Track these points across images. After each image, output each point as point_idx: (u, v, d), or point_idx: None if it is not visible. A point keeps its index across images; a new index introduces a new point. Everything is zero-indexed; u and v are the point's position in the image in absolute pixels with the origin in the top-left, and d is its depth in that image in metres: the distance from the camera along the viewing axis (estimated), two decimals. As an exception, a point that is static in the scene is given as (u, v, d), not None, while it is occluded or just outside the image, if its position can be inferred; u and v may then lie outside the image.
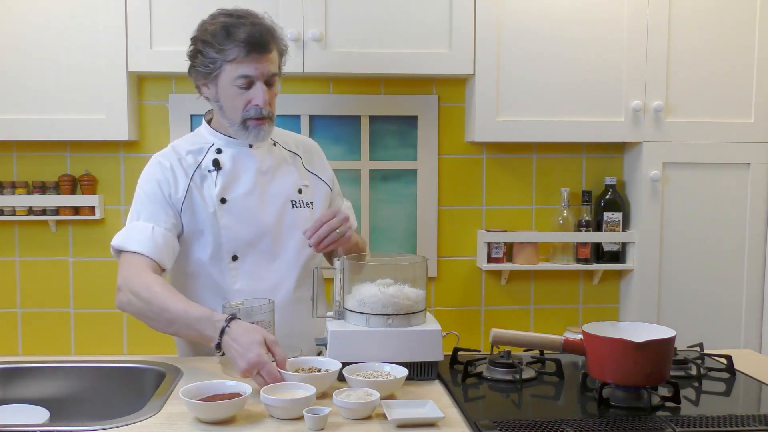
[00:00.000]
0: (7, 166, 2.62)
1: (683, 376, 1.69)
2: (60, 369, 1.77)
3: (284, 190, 1.92)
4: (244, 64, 1.77)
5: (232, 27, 1.77)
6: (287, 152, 1.98)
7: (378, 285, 1.69)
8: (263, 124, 1.82)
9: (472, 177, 2.72)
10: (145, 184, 1.86)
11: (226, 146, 1.89)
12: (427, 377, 1.66)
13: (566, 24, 2.51)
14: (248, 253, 1.88)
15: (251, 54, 1.77)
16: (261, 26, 1.79)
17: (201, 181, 1.86)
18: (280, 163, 1.94)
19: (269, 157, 1.92)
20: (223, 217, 1.86)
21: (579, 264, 2.69)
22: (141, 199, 1.85)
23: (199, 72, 1.82)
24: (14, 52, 2.40)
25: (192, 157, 1.88)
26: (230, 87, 1.79)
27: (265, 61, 1.79)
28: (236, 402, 1.40)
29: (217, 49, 1.77)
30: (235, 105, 1.81)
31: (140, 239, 1.77)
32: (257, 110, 1.80)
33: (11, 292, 2.66)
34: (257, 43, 1.77)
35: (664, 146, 2.58)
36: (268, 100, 1.81)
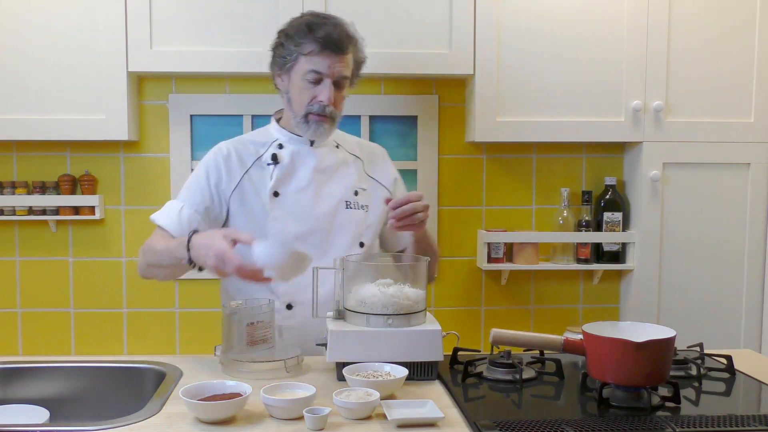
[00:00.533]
0: (7, 166, 2.62)
1: (683, 376, 1.69)
2: (60, 369, 1.77)
3: (340, 190, 1.95)
4: (316, 60, 1.85)
5: (314, 25, 1.86)
6: (349, 155, 2.02)
7: (378, 285, 1.69)
8: (324, 121, 1.88)
9: (472, 177, 2.72)
10: (197, 168, 1.96)
11: (288, 142, 1.96)
12: (427, 377, 1.66)
13: (566, 24, 2.51)
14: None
15: (325, 51, 1.84)
16: (341, 29, 1.87)
17: (257, 173, 1.93)
18: (339, 164, 1.98)
19: (329, 156, 1.98)
20: (274, 209, 1.90)
21: (579, 264, 2.69)
22: (188, 180, 1.96)
23: (277, 62, 1.92)
24: (14, 52, 2.40)
25: (254, 149, 1.96)
26: (301, 80, 1.87)
27: (338, 61, 1.86)
28: (236, 402, 1.40)
29: (296, 42, 1.86)
30: (302, 98, 1.88)
31: (167, 216, 1.89)
32: (320, 106, 1.86)
33: (11, 292, 2.66)
34: (333, 42, 1.84)
35: (664, 146, 2.58)
36: (332, 99, 1.86)
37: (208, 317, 2.68)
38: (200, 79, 2.63)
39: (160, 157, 2.64)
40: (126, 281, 2.67)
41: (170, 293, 2.68)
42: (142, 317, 2.68)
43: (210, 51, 2.42)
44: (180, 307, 2.69)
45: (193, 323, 2.69)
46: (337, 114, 1.90)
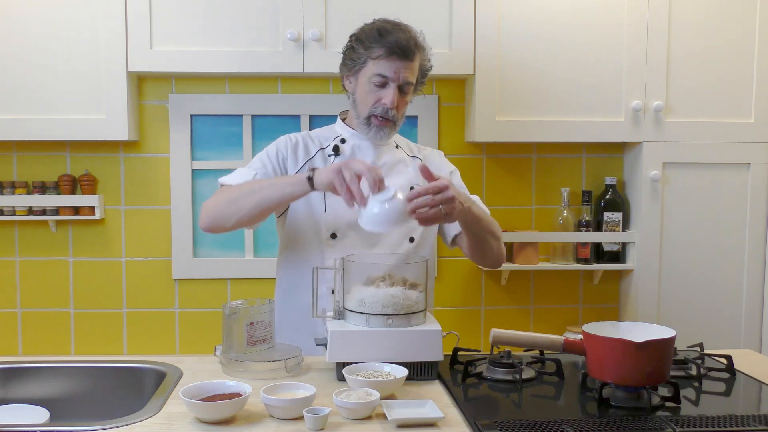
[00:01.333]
0: (7, 166, 2.62)
1: (683, 376, 1.69)
2: (60, 369, 1.77)
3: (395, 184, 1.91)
4: (383, 64, 1.89)
5: (385, 31, 1.91)
6: (408, 156, 2.07)
7: (378, 285, 1.69)
8: (385, 125, 1.93)
9: (472, 177, 2.72)
10: (267, 148, 2.03)
11: (351, 138, 2.02)
12: (427, 377, 1.66)
13: (566, 24, 2.51)
14: (347, 234, 1.95)
15: (392, 56, 1.89)
16: (410, 37, 1.92)
17: (319, 162, 1.99)
18: (397, 161, 2.03)
19: (388, 154, 2.02)
20: (330, 197, 1.94)
21: (579, 264, 2.69)
22: (258, 156, 2.01)
23: (346, 65, 1.97)
24: (14, 53, 2.40)
25: (318, 141, 2.04)
26: (367, 83, 1.92)
27: (404, 67, 1.90)
28: (236, 402, 1.40)
29: (366, 47, 1.91)
30: (367, 100, 1.93)
31: (238, 178, 1.93)
32: (383, 109, 1.91)
33: (11, 292, 2.66)
34: (401, 48, 1.88)
35: (664, 146, 2.58)
36: (395, 103, 1.91)
37: (208, 317, 2.69)
38: (200, 79, 2.63)
39: (160, 157, 2.65)
40: (126, 281, 2.67)
41: (170, 293, 2.68)
42: (142, 317, 2.68)
43: (210, 51, 2.42)
44: (180, 307, 2.69)
45: (193, 323, 2.69)
46: (398, 118, 1.95)
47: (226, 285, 2.69)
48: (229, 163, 2.64)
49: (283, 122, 2.66)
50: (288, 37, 2.39)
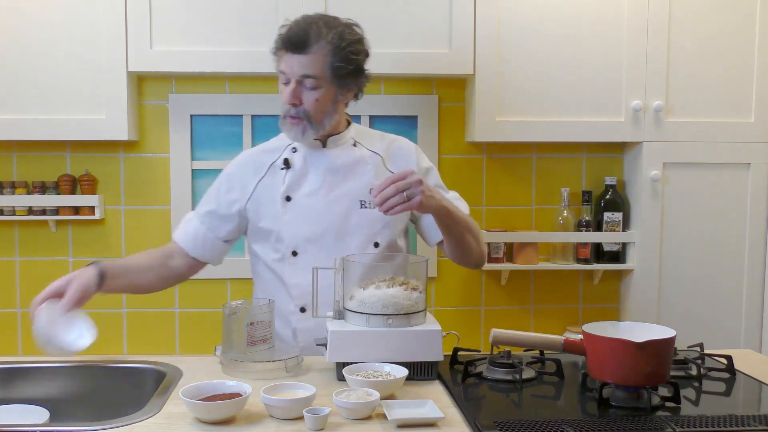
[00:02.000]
0: (7, 166, 2.62)
1: (683, 376, 1.69)
2: (60, 369, 1.77)
3: (354, 190, 1.92)
4: (281, 60, 1.85)
5: (283, 26, 1.86)
6: (368, 152, 1.97)
7: (378, 285, 1.69)
8: (297, 123, 1.85)
9: (472, 177, 2.72)
10: (219, 177, 2.01)
11: (303, 146, 1.95)
12: (427, 377, 1.66)
13: (566, 24, 2.51)
14: (308, 249, 1.92)
15: (283, 50, 1.83)
16: (303, 27, 1.82)
17: (271, 180, 1.94)
18: (355, 163, 1.94)
19: (344, 156, 1.94)
20: (286, 214, 1.91)
21: (579, 264, 2.69)
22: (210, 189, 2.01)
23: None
24: (14, 52, 2.40)
25: (269, 156, 1.97)
26: (279, 81, 1.88)
27: (298, 61, 1.81)
28: (236, 402, 1.40)
29: (275, 42, 1.87)
30: (282, 98, 1.88)
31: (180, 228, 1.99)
32: (286, 107, 1.86)
33: (11, 292, 2.66)
34: (291, 41, 1.81)
35: (664, 146, 2.58)
36: (294, 99, 1.83)
37: (208, 317, 2.69)
38: (200, 79, 2.63)
39: (160, 157, 2.65)
40: (126, 281, 2.66)
41: (170, 293, 2.68)
42: (142, 317, 2.68)
43: (210, 51, 2.42)
44: (180, 307, 2.69)
45: (193, 323, 2.69)
46: (310, 114, 1.84)
47: (226, 285, 2.69)
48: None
49: (283, 122, 2.65)
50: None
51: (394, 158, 2.00)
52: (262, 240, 1.96)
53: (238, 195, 1.95)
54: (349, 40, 1.86)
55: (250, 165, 1.97)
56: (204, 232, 1.96)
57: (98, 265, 1.80)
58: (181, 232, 1.98)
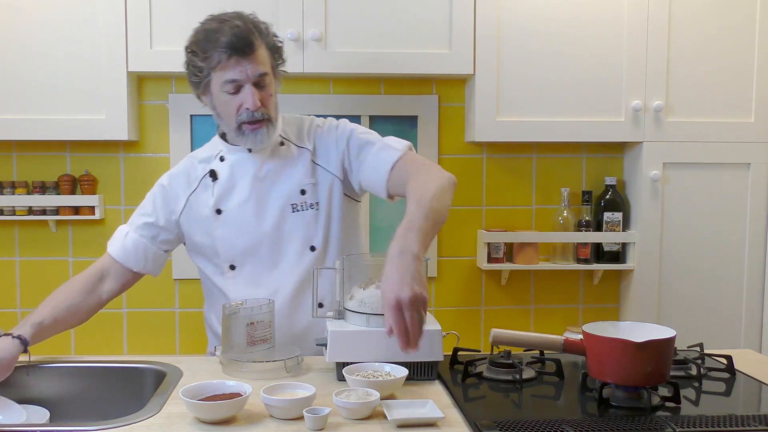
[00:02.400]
0: (7, 166, 2.62)
1: (683, 376, 1.69)
2: (60, 369, 1.77)
3: (283, 195, 1.87)
4: (228, 69, 1.74)
5: (213, 33, 1.74)
6: (295, 148, 1.90)
7: (378, 285, 1.69)
8: (260, 127, 1.79)
9: (472, 177, 2.72)
10: (149, 193, 1.95)
11: (229, 153, 1.89)
12: (427, 377, 1.66)
13: (566, 24, 2.51)
14: (246, 262, 1.89)
15: (233, 57, 1.73)
16: (242, 27, 1.74)
17: (202, 192, 1.89)
18: (283, 164, 1.88)
19: (271, 159, 1.88)
20: (219, 228, 1.87)
21: (579, 264, 2.69)
22: (143, 202, 1.95)
23: (193, 83, 1.82)
24: (14, 52, 2.40)
25: (201, 167, 1.91)
26: (221, 94, 1.77)
27: (251, 62, 1.75)
28: (236, 402, 1.40)
29: (202, 57, 1.76)
30: (229, 111, 1.79)
31: (113, 241, 1.92)
32: (248, 114, 1.77)
33: (11, 292, 2.66)
34: (239, 45, 1.73)
35: (664, 146, 2.58)
36: (258, 102, 1.76)
37: (208, 317, 2.68)
38: (200, 79, 2.62)
39: (160, 157, 2.65)
40: (126, 281, 2.66)
41: (170, 293, 2.68)
42: (142, 317, 2.68)
43: (210, 51, 2.41)
44: (180, 307, 2.69)
45: (193, 323, 2.69)
46: (269, 114, 1.80)
47: (226, 285, 2.69)
48: (229, 163, 2.64)
49: (283, 122, 2.66)
50: (288, 37, 2.39)
51: (320, 150, 1.90)
52: (200, 254, 1.93)
53: (174, 206, 1.90)
54: (269, 29, 1.83)
55: (183, 177, 1.91)
56: (145, 244, 1.90)
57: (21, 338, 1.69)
58: (119, 247, 1.90)
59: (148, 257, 1.92)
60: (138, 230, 1.90)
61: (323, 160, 1.91)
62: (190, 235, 1.92)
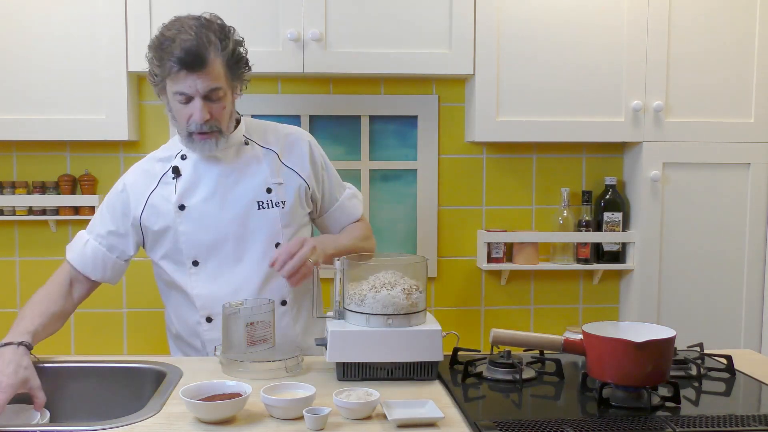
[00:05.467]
0: (7, 166, 2.62)
1: (683, 376, 1.69)
2: (60, 369, 1.77)
3: (249, 192, 1.88)
4: (179, 81, 1.74)
5: (167, 42, 1.73)
6: (261, 149, 1.92)
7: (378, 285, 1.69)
8: (209, 138, 1.79)
9: (472, 177, 2.72)
10: (106, 197, 1.95)
11: (192, 151, 1.88)
12: (427, 377, 1.66)
13: (566, 24, 2.51)
14: (209, 258, 1.89)
15: (183, 71, 1.72)
16: (194, 42, 1.71)
17: (164, 189, 1.89)
18: (247, 163, 1.89)
19: (236, 158, 1.89)
20: (182, 224, 1.87)
21: (579, 264, 2.69)
22: (100, 207, 1.96)
23: (151, 82, 1.82)
24: (14, 53, 2.40)
25: (160, 166, 1.91)
26: (173, 101, 1.78)
27: (200, 76, 1.72)
28: (236, 402, 1.40)
29: (156, 64, 1.76)
30: (180, 118, 1.80)
31: (73, 247, 1.93)
32: (196, 126, 1.77)
33: (11, 292, 2.66)
34: (188, 60, 1.70)
35: (664, 146, 2.58)
36: (207, 116, 1.75)
37: (208, 317, 2.68)
38: (200, 79, 2.62)
39: (160, 157, 2.64)
40: (126, 281, 2.66)
41: (170, 293, 2.67)
42: (142, 317, 2.68)
43: (210, 51, 2.41)
44: (180, 307, 2.68)
45: (193, 323, 2.69)
46: (220, 125, 1.79)
47: (226, 285, 2.69)
48: (229, 163, 2.64)
49: (283, 122, 2.64)
50: (288, 37, 2.39)
51: (288, 153, 1.94)
52: (161, 253, 1.91)
53: (133, 209, 1.89)
54: (232, 38, 1.80)
55: (140, 178, 1.91)
56: (104, 254, 1.90)
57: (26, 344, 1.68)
58: (78, 255, 1.90)
59: (107, 267, 1.92)
60: (98, 239, 1.90)
61: (293, 163, 1.94)
62: (151, 233, 1.90)
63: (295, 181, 1.93)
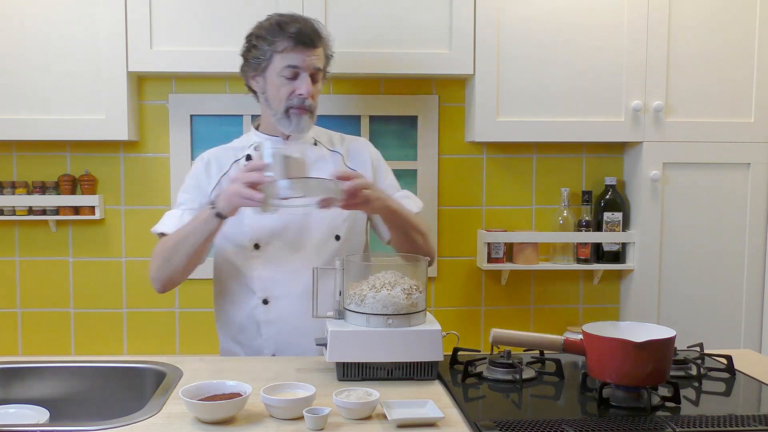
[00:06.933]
0: (7, 166, 2.62)
1: (683, 376, 1.69)
2: (60, 369, 1.77)
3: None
4: (291, 55, 1.90)
5: (284, 23, 1.92)
6: (328, 151, 2.06)
7: (378, 285, 1.69)
8: (304, 114, 1.93)
9: (472, 177, 2.72)
10: (186, 178, 2.06)
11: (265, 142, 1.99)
12: (427, 377, 1.67)
13: (566, 24, 2.51)
14: (270, 242, 1.97)
15: (298, 46, 1.90)
16: (311, 25, 1.94)
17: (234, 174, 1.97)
18: (316, 159, 2.02)
19: (306, 153, 1.99)
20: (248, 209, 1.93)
21: (579, 264, 2.69)
22: (180, 191, 2.05)
23: (250, 65, 1.97)
24: (14, 53, 2.40)
25: (232, 153, 2.05)
26: (277, 77, 1.92)
27: (312, 54, 1.92)
28: (236, 402, 1.40)
29: (269, 42, 1.92)
30: (280, 94, 1.93)
31: (168, 222, 1.97)
32: (300, 99, 1.92)
33: (11, 292, 2.66)
34: (305, 36, 1.90)
35: (664, 146, 2.58)
36: (311, 91, 1.92)
37: (208, 317, 2.68)
38: (200, 79, 2.63)
39: (160, 157, 2.65)
40: (126, 281, 2.67)
41: (170, 293, 2.67)
42: (142, 317, 2.68)
43: (210, 51, 2.42)
44: (180, 307, 2.69)
45: (193, 323, 2.69)
46: (314, 107, 1.96)
47: (226, 285, 2.69)
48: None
49: (283, 122, 2.66)
50: (288, 37, 2.39)
51: (353, 156, 2.08)
52: (224, 233, 1.97)
53: (206, 188, 2.00)
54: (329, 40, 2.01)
55: (213, 162, 2.03)
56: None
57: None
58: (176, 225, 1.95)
59: None
60: (192, 212, 1.97)
61: (355, 165, 2.07)
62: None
63: None
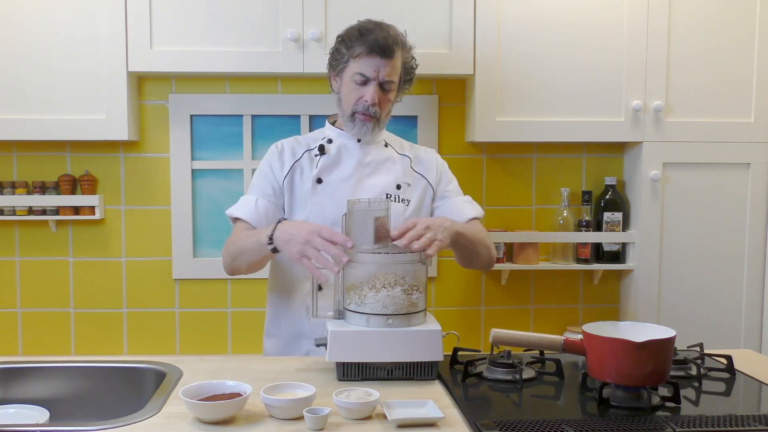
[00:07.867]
0: (7, 166, 2.62)
1: (683, 376, 1.69)
2: (60, 369, 1.77)
3: (383, 183, 2.04)
4: (363, 62, 1.95)
5: (365, 30, 1.97)
6: (397, 154, 2.11)
7: (378, 285, 1.69)
8: (368, 120, 1.99)
9: (472, 177, 2.72)
10: (260, 164, 2.11)
11: (338, 138, 2.07)
12: (427, 377, 1.67)
13: (566, 24, 2.51)
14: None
15: (372, 54, 1.94)
16: (390, 36, 1.97)
17: (307, 163, 2.06)
18: (384, 161, 2.07)
19: (375, 152, 2.07)
20: (316, 194, 2.01)
21: (579, 264, 2.69)
22: (255, 176, 2.11)
23: (332, 65, 2.04)
24: (14, 53, 2.40)
25: (305, 142, 2.11)
26: (350, 81, 1.98)
27: (384, 65, 1.95)
28: (236, 402, 1.40)
29: (348, 46, 1.98)
30: (349, 98, 1.99)
31: (244, 208, 2.03)
32: (364, 106, 1.97)
33: (11, 292, 2.66)
34: (381, 46, 1.94)
35: (664, 146, 2.58)
36: (376, 100, 1.96)
37: (208, 317, 2.69)
38: (200, 79, 2.63)
39: (160, 157, 2.65)
40: (126, 281, 2.67)
41: (170, 293, 2.68)
42: (142, 317, 2.68)
43: (210, 51, 2.42)
44: (180, 307, 2.69)
45: (193, 323, 2.69)
46: (380, 114, 1.99)
47: (226, 285, 2.69)
48: (229, 163, 2.64)
49: (283, 122, 2.66)
50: (288, 37, 2.39)
51: (419, 162, 2.13)
52: (290, 216, 2.04)
53: (279, 174, 2.05)
54: (411, 51, 2.07)
55: (287, 149, 2.08)
56: (274, 210, 2.03)
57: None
58: (252, 213, 2.01)
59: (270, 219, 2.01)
60: (266, 197, 2.04)
61: (422, 170, 2.12)
62: (288, 199, 2.05)
63: (422, 183, 2.10)
